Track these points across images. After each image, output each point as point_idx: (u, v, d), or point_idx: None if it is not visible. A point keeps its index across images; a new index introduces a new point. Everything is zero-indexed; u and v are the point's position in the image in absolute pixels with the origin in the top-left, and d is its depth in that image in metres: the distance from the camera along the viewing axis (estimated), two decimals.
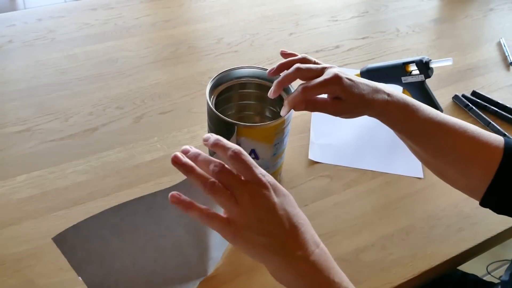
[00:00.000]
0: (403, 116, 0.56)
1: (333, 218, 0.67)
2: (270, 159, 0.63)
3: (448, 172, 0.58)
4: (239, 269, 0.60)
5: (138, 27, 1.02)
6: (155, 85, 0.87)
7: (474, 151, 0.55)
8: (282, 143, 0.64)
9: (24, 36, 0.96)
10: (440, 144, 0.56)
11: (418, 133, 0.57)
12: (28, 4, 2.49)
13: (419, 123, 0.56)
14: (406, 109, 0.56)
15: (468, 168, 0.56)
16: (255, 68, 0.65)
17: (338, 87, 0.54)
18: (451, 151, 0.56)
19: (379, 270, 0.61)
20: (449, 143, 0.56)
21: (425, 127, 0.56)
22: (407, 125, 0.57)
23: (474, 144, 0.55)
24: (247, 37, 1.02)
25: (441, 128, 0.56)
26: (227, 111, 0.69)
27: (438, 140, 0.56)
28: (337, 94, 0.55)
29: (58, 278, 0.58)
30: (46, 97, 0.83)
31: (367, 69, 0.84)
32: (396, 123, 0.57)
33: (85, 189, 0.68)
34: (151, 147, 0.75)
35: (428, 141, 0.57)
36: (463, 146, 0.55)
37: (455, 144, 0.56)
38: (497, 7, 1.20)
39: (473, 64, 1.00)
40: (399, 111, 0.56)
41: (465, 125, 0.56)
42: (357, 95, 0.55)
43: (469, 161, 0.55)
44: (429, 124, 0.56)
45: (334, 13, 1.13)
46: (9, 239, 0.61)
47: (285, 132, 0.62)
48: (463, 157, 0.56)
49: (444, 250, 0.64)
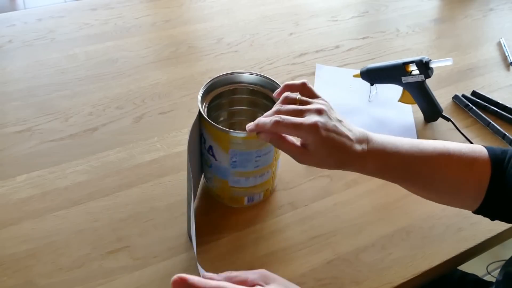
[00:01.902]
0: (384, 168, 0.55)
1: (333, 218, 0.67)
2: (227, 167, 0.62)
3: (442, 199, 0.59)
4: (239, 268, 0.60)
5: (138, 27, 1.02)
6: (155, 85, 0.87)
7: (463, 175, 0.55)
8: (250, 160, 0.61)
9: (24, 36, 0.96)
10: (428, 179, 0.56)
11: (402, 177, 0.56)
12: (28, 4, 2.49)
13: (402, 168, 0.55)
14: (387, 159, 0.54)
15: (460, 192, 0.56)
16: (248, 73, 0.65)
17: (311, 138, 0.51)
18: (440, 182, 0.55)
19: (379, 270, 0.61)
20: (436, 175, 0.55)
21: (408, 169, 0.55)
22: (390, 174, 0.56)
23: (461, 168, 0.54)
24: (247, 37, 1.02)
25: (425, 162, 0.55)
26: (219, 117, 0.69)
27: (424, 176, 0.55)
28: (307, 145, 0.53)
29: (58, 278, 0.58)
30: (46, 97, 0.83)
31: (367, 69, 0.84)
32: (377, 175, 0.56)
33: (85, 189, 0.68)
34: (151, 147, 0.75)
35: (415, 180, 0.56)
36: (451, 174, 0.55)
37: (443, 174, 0.55)
38: (497, 7, 1.20)
39: (473, 64, 1.00)
40: (379, 165, 0.54)
41: (446, 148, 0.55)
42: (326, 154, 0.52)
43: (460, 186, 0.55)
44: (411, 163, 0.54)
45: (334, 13, 1.13)
46: (9, 239, 0.61)
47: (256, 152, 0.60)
48: (453, 184, 0.55)
49: (444, 250, 0.64)
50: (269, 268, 0.60)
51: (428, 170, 0.55)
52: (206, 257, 0.61)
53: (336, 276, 0.60)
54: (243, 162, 0.60)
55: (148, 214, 0.65)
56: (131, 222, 0.64)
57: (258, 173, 0.63)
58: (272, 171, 0.65)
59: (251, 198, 0.66)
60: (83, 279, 0.58)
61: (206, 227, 0.64)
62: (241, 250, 0.62)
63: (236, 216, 0.66)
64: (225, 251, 0.62)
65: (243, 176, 0.62)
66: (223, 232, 0.64)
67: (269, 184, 0.67)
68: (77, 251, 0.60)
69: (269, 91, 0.64)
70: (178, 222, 0.65)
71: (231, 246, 0.63)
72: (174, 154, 0.74)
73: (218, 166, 0.62)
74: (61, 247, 0.61)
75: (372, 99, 0.88)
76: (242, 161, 0.60)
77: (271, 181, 0.67)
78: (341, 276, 0.60)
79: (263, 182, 0.65)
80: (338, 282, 0.60)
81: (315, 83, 0.91)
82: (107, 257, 0.60)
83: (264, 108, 0.67)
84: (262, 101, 0.66)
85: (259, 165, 0.62)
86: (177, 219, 0.65)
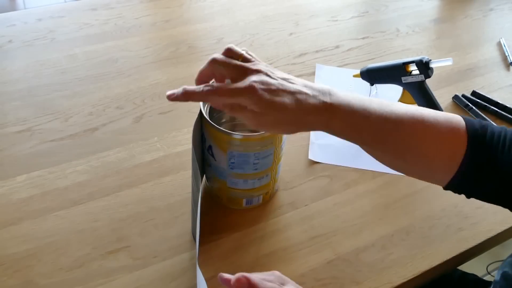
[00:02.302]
0: (350, 127, 0.50)
1: (333, 218, 0.67)
2: (225, 168, 0.62)
3: (412, 170, 0.54)
4: (239, 268, 0.60)
5: (138, 27, 1.02)
6: (155, 85, 0.87)
7: (436, 145, 0.50)
8: (248, 162, 0.60)
9: (24, 36, 0.96)
10: (399, 146, 0.51)
11: (372, 140, 0.51)
12: (28, 4, 2.49)
13: (371, 130, 0.50)
14: (354, 116, 0.49)
15: (432, 163, 0.51)
16: None
17: (250, 101, 0.47)
18: (412, 150, 0.51)
19: (379, 270, 0.61)
20: (409, 142, 0.50)
21: (378, 132, 0.50)
22: (357, 135, 0.51)
23: (434, 137, 0.50)
24: (247, 37, 1.02)
25: (397, 126, 0.50)
26: (222, 118, 0.69)
27: (395, 142, 0.51)
28: (251, 108, 0.47)
29: (58, 278, 0.58)
30: (46, 97, 0.83)
31: (367, 69, 0.84)
32: (343, 135, 0.51)
33: (85, 189, 0.68)
34: (151, 147, 0.75)
35: (385, 145, 0.51)
36: (424, 142, 0.50)
37: (415, 142, 0.50)
38: (497, 7, 1.20)
39: (473, 64, 1.00)
40: (345, 123, 0.49)
41: (420, 113, 0.50)
42: (276, 115, 0.47)
43: (433, 157, 0.51)
44: (383, 126, 0.50)
45: (334, 13, 1.13)
46: (9, 239, 0.61)
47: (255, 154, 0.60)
48: (425, 154, 0.51)
49: (444, 250, 0.64)
50: (269, 268, 0.60)
51: (399, 135, 0.50)
52: (206, 257, 0.61)
53: (336, 276, 0.60)
54: (241, 164, 0.60)
55: (148, 214, 0.65)
56: (131, 222, 0.64)
57: (257, 176, 0.63)
58: (272, 175, 0.65)
59: (249, 200, 0.66)
60: (83, 279, 0.58)
61: (207, 227, 0.64)
62: (242, 250, 0.62)
63: (236, 216, 0.66)
64: (225, 251, 0.62)
65: (241, 178, 0.62)
66: (223, 232, 0.64)
67: (268, 187, 0.66)
68: (77, 251, 0.60)
69: None
70: (178, 222, 0.65)
71: (231, 246, 0.63)
72: (174, 154, 0.74)
73: (217, 166, 0.62)
74: (61, 247, 0.61)
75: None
76: (240, 163, 0.60)
77: (271, 185, 0.67)
78: (341, 276, 0.60)
79: (262, 185, 0.65)
80: (338, 282, 0.60)
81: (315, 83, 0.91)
82: (107, 257, 0.60)
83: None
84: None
85: (257, 168, 0.61)
86: (177, 219, 0.65)
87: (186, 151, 0.75)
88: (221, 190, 0.65)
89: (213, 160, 0.62)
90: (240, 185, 0.63)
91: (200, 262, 0.60)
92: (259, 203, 0.67)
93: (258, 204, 0.67)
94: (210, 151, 0.61)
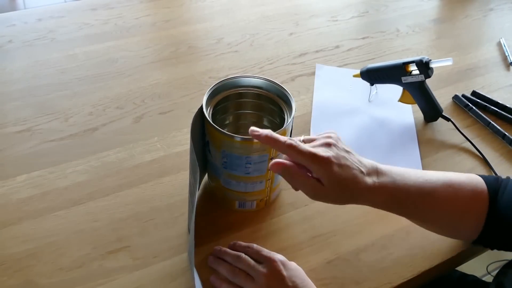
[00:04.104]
0: (394, 203, 0.54)
1: (333, 218, 0.67)
2: (219, 166, 0.62)
3: (441, 231, 0.59)
4: None
5: (138, 27, 1.02)
6: (155, 85, 0.87)
7: (464, 207, 0.55)
8: (240, 165, 0.60)
9: (24, 36, 0.96)
10: (429, 215, 0.56)
11: (411, 212, 0.56)
12: (28, 4, 2.49)
13: (410, 203, 0.54)
14: (397, 193, 0.53)
15: (461, 224, 0.56)
16: (252, 77, 0.65)
17: (324, 172, 0.50)
18: (440, 218, 0.56)
19: (379, 270, 0.61)
20: (437, 212, 0.55)
21: (418, 205, 0.55)
22: (399, 208, 0.55)
23: (462, 200, 0.54)
24: (247, 37, 1.02)
25: (432, 196, 0.54)
26: (225, 120, 0.69)
27: (427, 212, 0.56)
28: (320, 178, 0.51)
29: (58, 278, 0.58)
30: (46, 97, 0.83)
31: (367, 69, 0.84)
32: (385, 208, 0.56)
33: (85, 189, 0.68)
34: (151, 147, 0.75)
35: (418, 215, 0.56)
36: (451, 211, 0.55)
37: (444, 211, 0.55)
38: (497, 7, 1.21)
39: (473, 64, 1.00)
40: (390, 199, 0.54)
41: (450, 180, 0.55)
42: (340, 189, 0.51)
43: (461, 218, 0.55)
44: (421, 199, 0.54)
45: (334, 13, 1.13)
46: (9, 239, 0.61)
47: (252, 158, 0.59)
48: (453, 220, 0.56)
49: (444, 250, 0.64)
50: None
51: (430, 207, 0.55)
52: (204, 258, 0.61)
53: (336, 276, 0.60)
54: (233, 165, 0.60)
55: (148, 214, 0.65)
56: (131, 222, 0.64)
57: (249, 180, 0.62)
58: (267, 183, 0.63)
59: (242, 203, 0.65)
60: (83, 279, 0.58)
61: (207, 227, 0.64)
62: None
63: (236, 216, 0.66)
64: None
65: (233, 179, 0.62)
66: (223, 232, 0.64)
67: (262, 195, 0.65)
68: (77, 251, 0.60)
69: (275, 95, 0.65)
70: (178, 222, 0.65)
71: None
72: (174, 154, 0.74)
73: (213, 163, 0.62)
74: (61, 247, 0.61)
75: (372, 99, 0.88)
76: (233, 163, 0.60)
77: (266, 193, 0.65)
78: (341, 276, 0.60)
79: (256, 191, 0.64)
80: (338, 282, 0.60)
81: (315, 83, 0.91)
82: (107, 257, 0.60)
83: (270, 112, 0.67)
84: (268, 106, 0.66)
85: (250, 172, 0.61)
86: (177, 219, 0.65)
87: (186, 151, 0.75)
88: (217, 188, 0.65)
89: (210, 157, 0.62)
90: (233, 186, 0.63)
91: (197, 263, 0.60)
92: (253, 209, 0.66)
93: (252, 209, 0.67)
94: (208, 147, 0.62)
